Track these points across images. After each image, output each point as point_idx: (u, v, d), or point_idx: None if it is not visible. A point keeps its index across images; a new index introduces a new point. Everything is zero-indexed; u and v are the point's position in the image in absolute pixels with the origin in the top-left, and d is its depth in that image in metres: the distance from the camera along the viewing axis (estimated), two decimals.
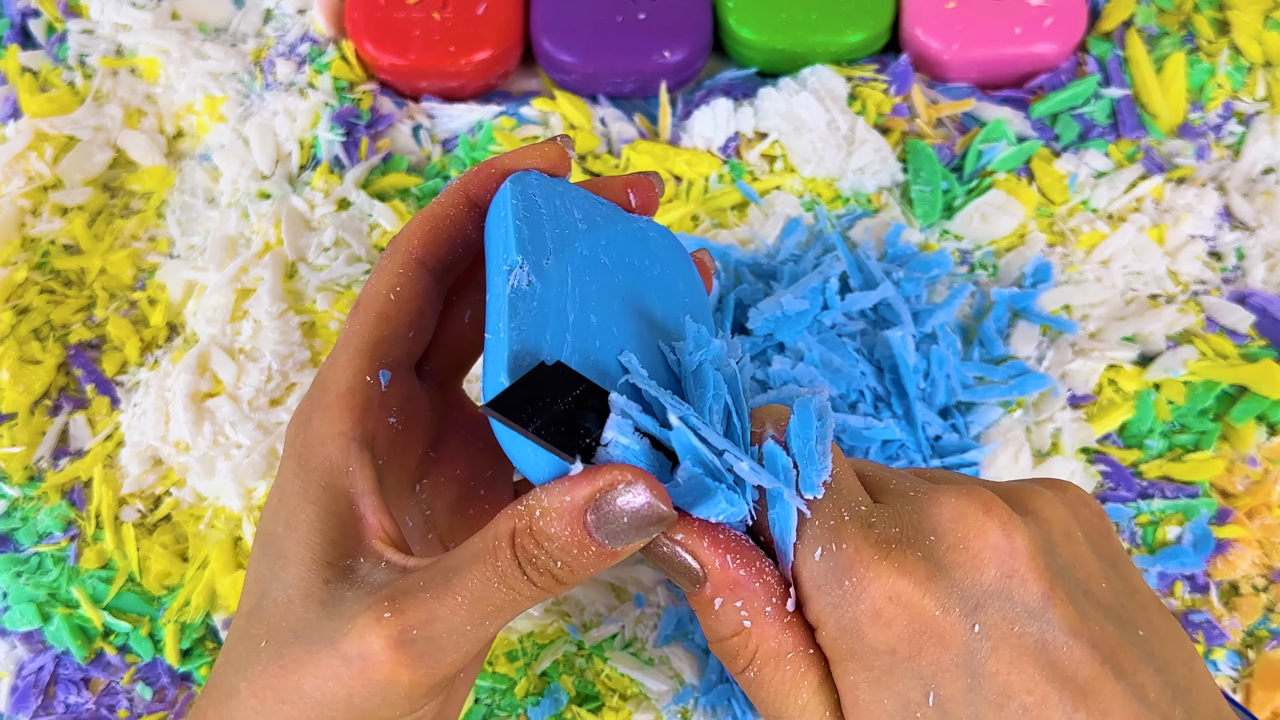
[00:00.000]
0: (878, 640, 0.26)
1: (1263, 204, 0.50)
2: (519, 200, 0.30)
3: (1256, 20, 0.53)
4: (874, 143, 0.50)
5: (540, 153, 0.31)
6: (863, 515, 0.27)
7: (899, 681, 0.26)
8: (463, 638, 0.26)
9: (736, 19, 0.52)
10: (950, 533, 0.26)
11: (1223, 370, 0.46)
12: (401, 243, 0.32)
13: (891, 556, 0.26)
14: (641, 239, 0.32)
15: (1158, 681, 0.26)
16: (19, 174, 0.51)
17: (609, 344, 0.28)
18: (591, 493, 0.25)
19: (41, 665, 0.43)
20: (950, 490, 0.27)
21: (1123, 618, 0.27)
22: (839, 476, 0.27)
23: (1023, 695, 0.25)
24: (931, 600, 0.25)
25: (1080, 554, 0.27)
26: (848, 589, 0.26)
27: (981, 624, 0.25)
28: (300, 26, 0.54)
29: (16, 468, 0.46)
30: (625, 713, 0.41)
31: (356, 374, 0.30)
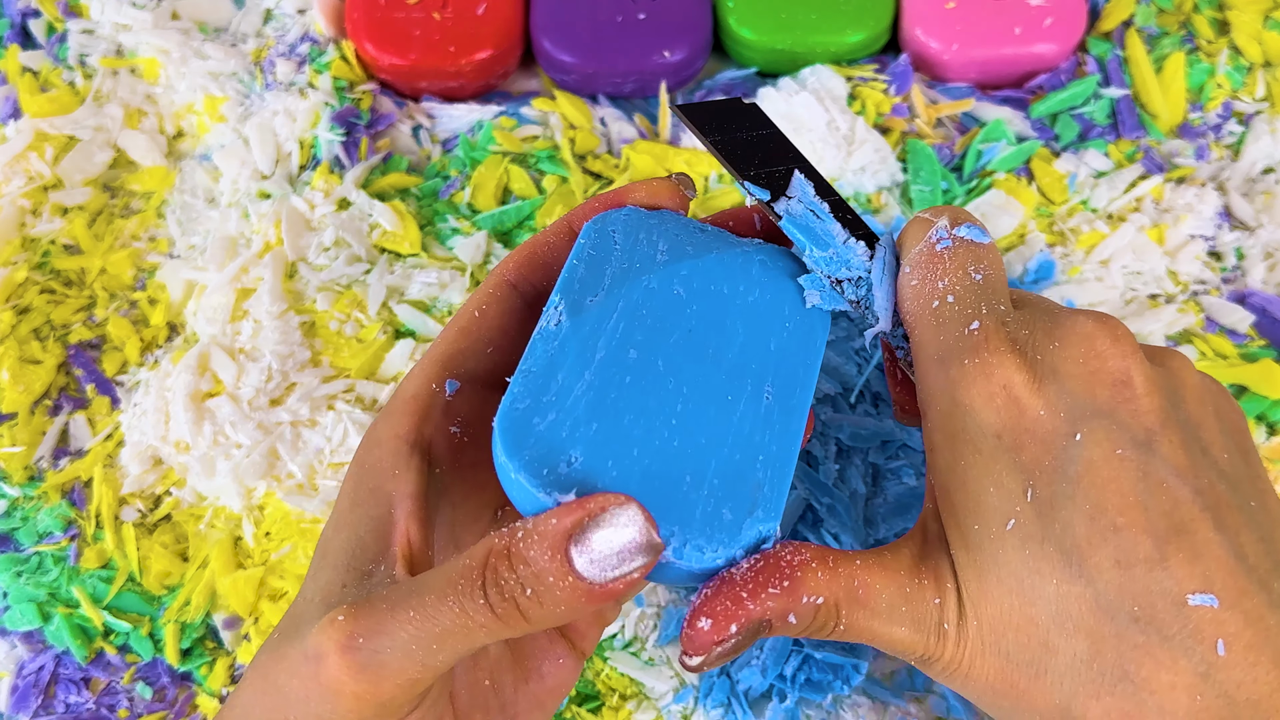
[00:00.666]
0: (985, 421, 0.27)
1: (1262, 204, 0.50)
2: (589, 238, 0.30)
3: (1256, 20, 0.53)
4: (874, 143, 0.50)
5: (649, 189, 0.32)
6: (1000, 313, 0.28)
7: (1003, 471, 0.27)
8: (407, 658, 0.25)
9: (736, 19, 0.52)
10: (1075, 345, 0.27)
11: (1223, 370, 0.46)
12: (499, 266, 0.32)
13: (1014, 351, 0.27)
14: (744, 264, 0.31)
15: (1261, 549, 0.26)
16: (19, 174, 0.51)
17: (643, 379, 0.28)
18: (580, 516, 0.24)
19: (41, 665, 0.43)
20: (1088, 314, 0.28)
21: (1237, 486, 0.27)
22: (990, 277, 0.29)
23: (1114, 515, 0.25)
24: (1040, 400, 0.27)
25: (1207, 419, 0.28)
26: (967, 368, 0.27)
27: (1084, 435, 0.26)
28: (300, 26, 0.54)
29: (16, 467, 0.46)
30: (625, 713, 0.41)
31: (424, 381, 0.31)
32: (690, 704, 0.41)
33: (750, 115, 0.28)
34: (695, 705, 0.41)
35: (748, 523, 0.27)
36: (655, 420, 0.27)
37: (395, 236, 0.49)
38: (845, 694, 0.40)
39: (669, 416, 0.28)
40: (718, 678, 0.41)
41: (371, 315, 0.48)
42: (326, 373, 0.47)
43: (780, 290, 0.31)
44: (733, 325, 0.30)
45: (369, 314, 0.48)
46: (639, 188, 0.32)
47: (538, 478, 0.26)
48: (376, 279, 0.48)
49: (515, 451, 0.26)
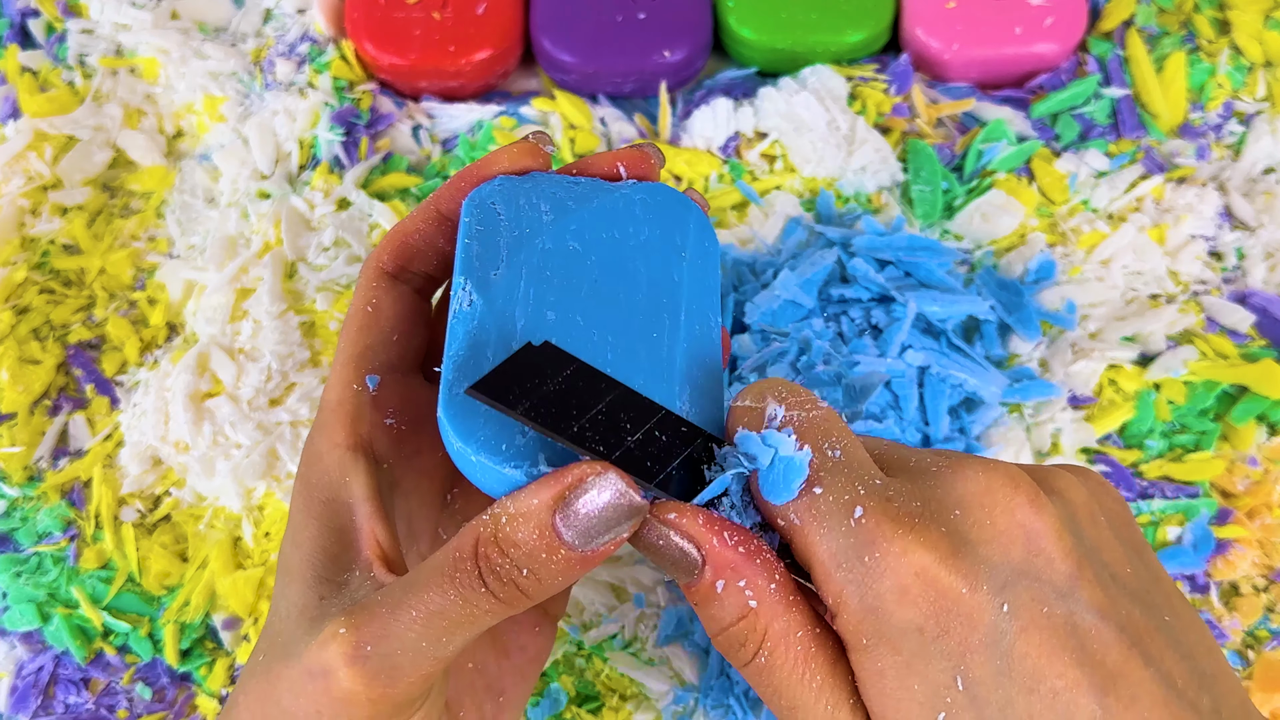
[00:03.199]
0: (904, 619, 0.24)
1: (1263, 204, 0.50)
2: (472, 215, 0.30)
3: (1257, 20, 0.53)
4: (874, 142, 0.50)
5: (509, 155, 0.32)
6: (879, 489, 0.25)
7: (927, 664, 0.24)
8: (419, 655, 0.25)
9: (736, 19, 0.52)
10: (976, 507, 0.25)
11: (1223, 370, 0.46)
12: (372, 258, 0.32)
13: (915, 530, 0.24)
14: (626, 206, 0.31)
15: (1184, 668, 0.25)
16: (19, 174, 0.51)
17: (568, 336, 0.28)
18: (560, 491, 0.24)
19: (41, 665, 0.43)
20: (975, 463, 0.26)
21: (1149, 603, 0.26)
22: (849, 451, 0.26)
23: (1053, 679, 0.24)
24: (958, 577, 0.24)
25: (1105, 537, 0.27)
26: (869, 565, 0.24)
27: (1010, 603, 0.24)
28: (300, 26, 0.54)
29: (16, 468, 0.46)
30: (625, 713, 0.41)
31: (344, 385, 0.31)
32: (690, 704, 0.41)
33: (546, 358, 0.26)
34: (695, 705, 0.41)
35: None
36: None
37: None
38: None
39: (603, 366, 0.28)
40: (717, 678, 0.41)
41: None
42: (326, 373, 0.47)
43: (666, 224, 0.32)
44: (633, 266, 0.30)
45: None
46: (499, 156, 0.32)
47: (498, 454, 0.26)
48: None
49: (469, 434, 0.26)
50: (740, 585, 0.25)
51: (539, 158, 0.32)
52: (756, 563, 0.25)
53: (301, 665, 0.26)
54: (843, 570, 0.25)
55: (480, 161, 0.31)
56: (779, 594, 0.25)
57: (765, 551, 0.26)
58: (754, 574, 0.25)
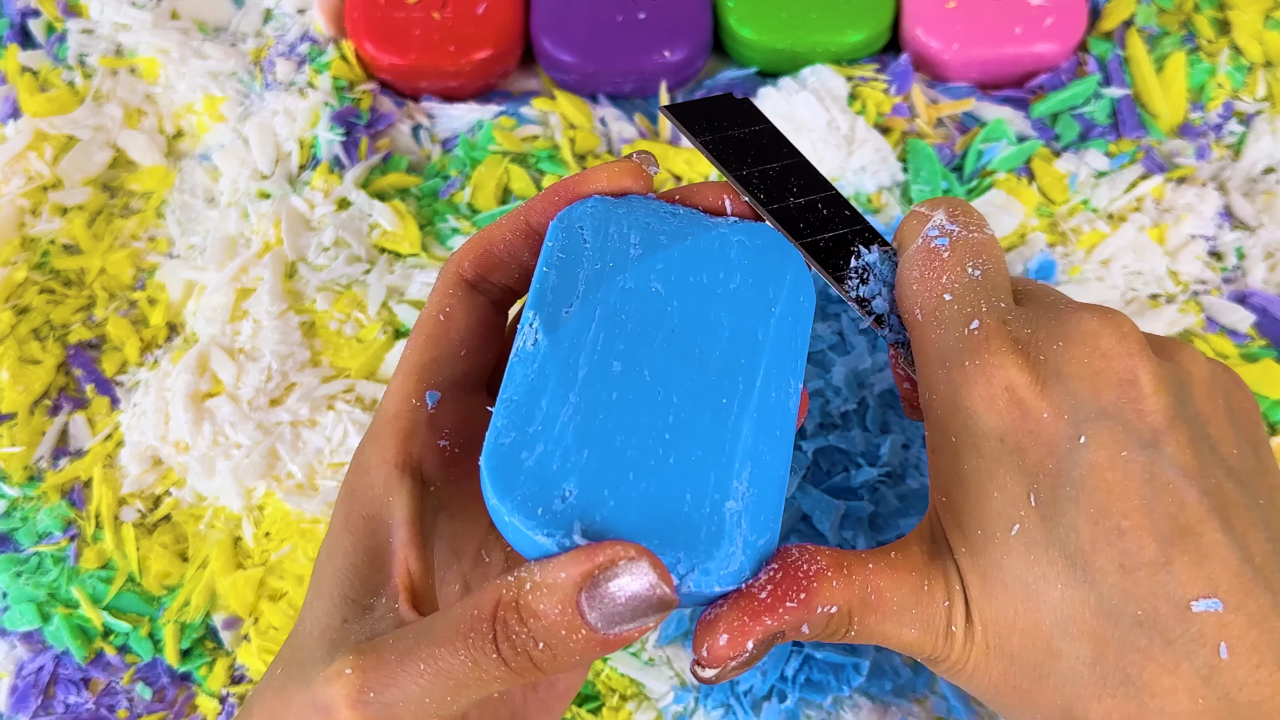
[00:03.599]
0: (988, 424, 0.26)
1: (1263, 204, 0.50)
2: (557, 240, 0.29)
3: (1257, 20, 0.53)
4: (874, 142, 0.50)
5: (609, 173, 0.30)
6: (1001, 311, 0.27)
7: (1006, 474, 0.26)
8: (421, 710, 0.25)
9: (736, 19, 0.52)
10: (1079, 344, 0.26)
11: None
12: (452, 263, 0.31)
13: (1017, 352, 0.26)
14: (721, 248, 0.30)
15: (1268, 549, 0.25)
16: (19, 174, 0.51)
17: (631, 394, 0.27)
18: (590, 569, 0.23)
19: (41, 665, 0.43)
20: (1093, 309, 0.27)
21: (1245, 483, 0.26)
22: (989, 272, 0.28)
23: (1118, 518, 0.25)
24: (1044, 401, 0.26)
25: (1217, 415, 0.27)
26: (969, 370, 0.27)
27: (1089, 437, 0.25)
28: (300, 26, 0.54)
29: (16, 468, 0.46)
30: (625, 713, 0.41)
31: (404, 398, 0.30)
32: (690, 704, 0.41)
33: (743, 111, 0.27)
34: (695, 705, 0.41)
35: (752, 538, 0.26)
36: (648, 437, 0.26)
37: (395, 236, 0.49)
38: (846, 694, 0.40)
39: (661, 431, 0.26)
40: None
41: (371, 315, 0.48)
42: (326, 373, 0.47)
43: (761, 273, 0.30)
44: (716, 318, 0.29)
45: (369, 314, 0.48)
46: (600, 174, 0.30)
47: (533, 518, 0.24)
48: (376, 279, 0.48)
49: (506, 492, 0.25)
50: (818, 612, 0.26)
51: (640, 179, 0.30)
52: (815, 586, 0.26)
53: (309, 694, 0.25)
54: (945, 368, 0.27)
55: (578, 176, 0.30)
56: (840, 583, 0.27)
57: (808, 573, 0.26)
58: (815, 601, 0.26)
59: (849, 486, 0.43)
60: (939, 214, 0.29)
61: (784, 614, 0.26)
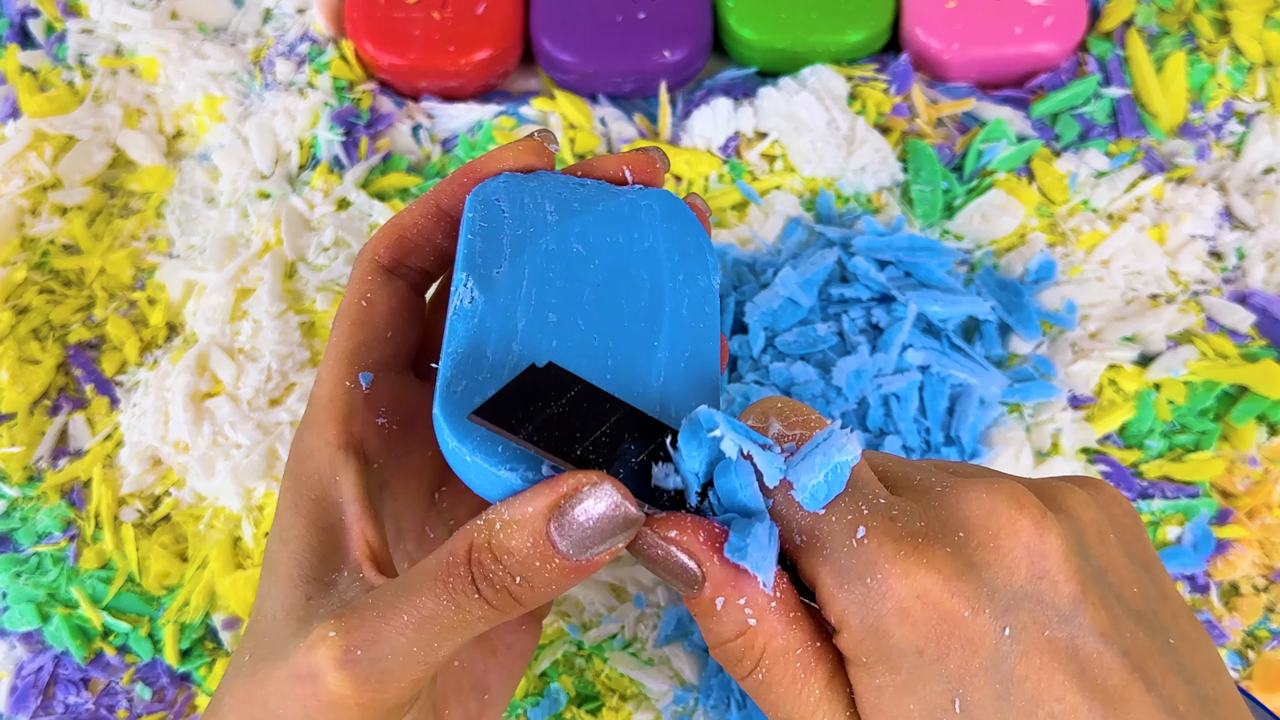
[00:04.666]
0: (904, 640, 0.24)
1: (1263, 204, 0.50)
2: (476, 211, 0.30)
3: (1257, 20, 0.53)
4: (874, 142, 0.50)
5: (514, 152, 0.31)
6: (883, 508, 0.25)
7: (925, 685, 0.24)
8: (410, 660, 0.25)
9: (736, 19, 0.52)
10: (980, 529, 0.25)
11: (1223, 370, 0.46)
12: (368, 251, 0.32)
13: (919, 551, 0.24)
14: (630, 212, 0.31)
15: (1187, 692, 0.25)
16: (18, 174, 0.51)
17: (570, 341, 0.28)
18: (555, 499, 0.24)
19: (41, 665, 0.43)
20: (979, 484, 0.26)
21: (1154, 624, 0.26)
22: (854, 470, 0.26)
23: (1051, 703, 0.24)
24: (961, 600, 0.24)
25: (1113, 556, 0.26)
26: (871, 586, 0.24)
27: (1012, 627, 0.24)
28: (300, 26, 0.54)
29: (16, 468, 0.46)
30: (625, 713, 0.41)
31: (337, 382, 0.30)
32: (690, 704, 0.41)
33: (550, 379, 0.25)
34: (695, 705, 0.41)
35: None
36: (590, 378, 0.27)
37: None
38: None
39: (603, 372, 0.28)
40: (716, 676, 0.41)
41: None
42: None
43: (668, 232, 0.32)
44: (635, 272, 0.30)
45: None
46: (504, 154, 0.31)
47: (494, 456, 0.25)
48: None
49: (465, 434, 0.25)
50: (740, 603, 0.25)
51: (543, 156, 0.32)
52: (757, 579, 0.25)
53: (289, 667, 0.26)
54: (845, 590, 0.25)
55: (483, 158, 0.31)
56: (779, 611, 0.25)
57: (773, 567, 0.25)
58: (754, 592, 0.25)
59: None
60: (773, 425, 0.27)
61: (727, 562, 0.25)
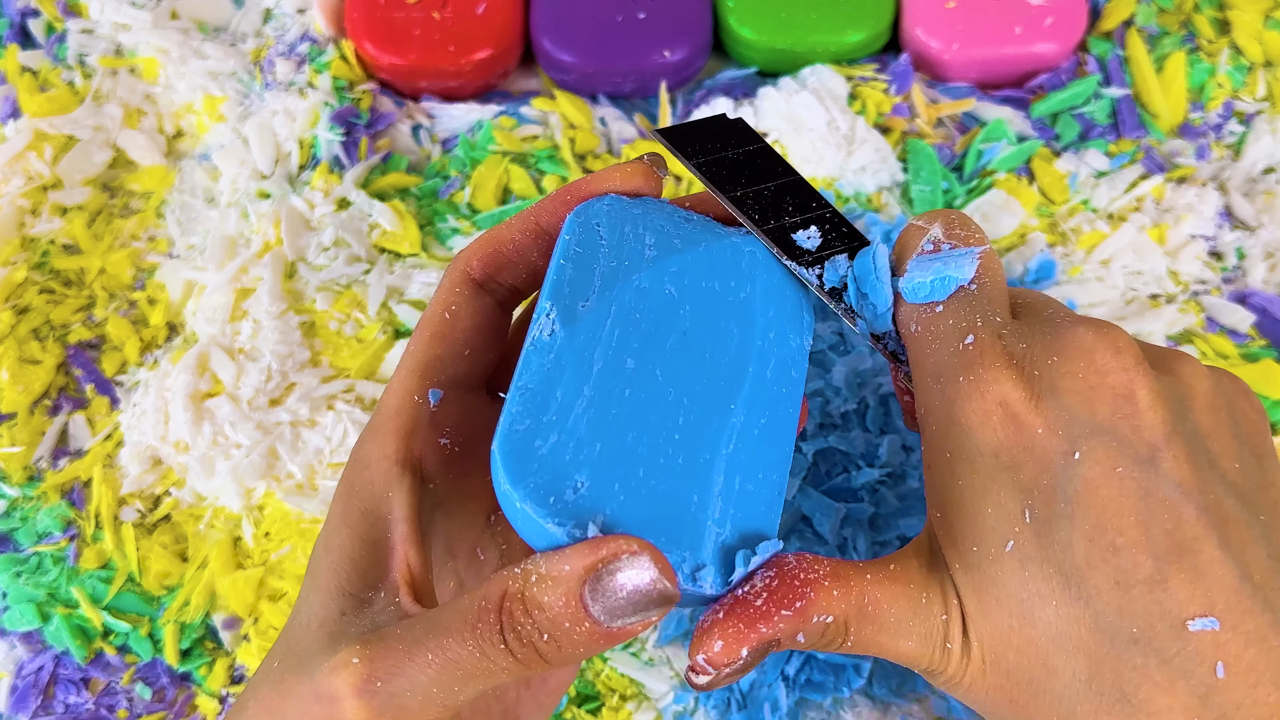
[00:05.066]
0: (982, 440, 0.26)
1: (1263, 204, 0.50)
2: (574, 234, 0.29)
3: (1257, 20, 0.53)
4: (874, 142, 0.50)
5: (622, 174, 0.30)
6: (996, 325, 0.27)
7: (1001, 491, 0.26)
8: (429, 699, 0.25)
9: (736, 19, 0.52)
10: (1073, 359, 0.26)
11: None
12: (460, 261, 0.31)
13: (1011, 366, 0.26)
14: (733, 256, 0.30)
15: (1268, 566, 0.25)
16: (19, 174, 0.51)
17: (643, 392, 0.27)
18: (594, 562, 0.24)
19: (41, 665, 0.43)
20: (1088, 323, 0.27)
21: (1248, 499, 0.26)
22: (985, 286, 0.28)
23: (1113, 535, 0.25)
24: (1038, 417, 0.26)
25: (1219, 429, 0.27)
26: (962, 385, 0.27)
27: (1084, 454, 0.25)
28: (300, 26, 0.54)
29: (16, 468, 0.46)
30: (625, 713, 0.41)
31: (406, 395, 0.30)
32: (690, 704, 0.41)
33: (736, 132, 0.26)
34: (695, 705, 0.41)
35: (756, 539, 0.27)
36: (658, 436, 0.27)
37: (395, 236, 0.49)
38: (846, 695, 0.40)
39: (671, 431, 0.27)
40: None
41: (371, 315, 0.48)
42: (326, 373, 0.47)
43: (768, 283, 0.31)
44: (726, 324, 0.29)
45: (369, 314, 0.48)
46: (613, 175, 0.30)
47: (545, 506, 0.25)
48: (376, 279, 0.48)
49: (519, 479, 0.25)
50: (814, 621, 0.26)
51: (651, 181, 0.31)
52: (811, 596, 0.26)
53: (312, 685, 0.25)
54: (940, 383, 0.27)
55: (589, 178, 0.30)
56: (838, 593, 0.26)
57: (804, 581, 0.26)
58: (811, 610, 0.26)
59: (849, 487, 0.43)
60: (936, 227, 0.29)
61: (779, 622, 0.26)
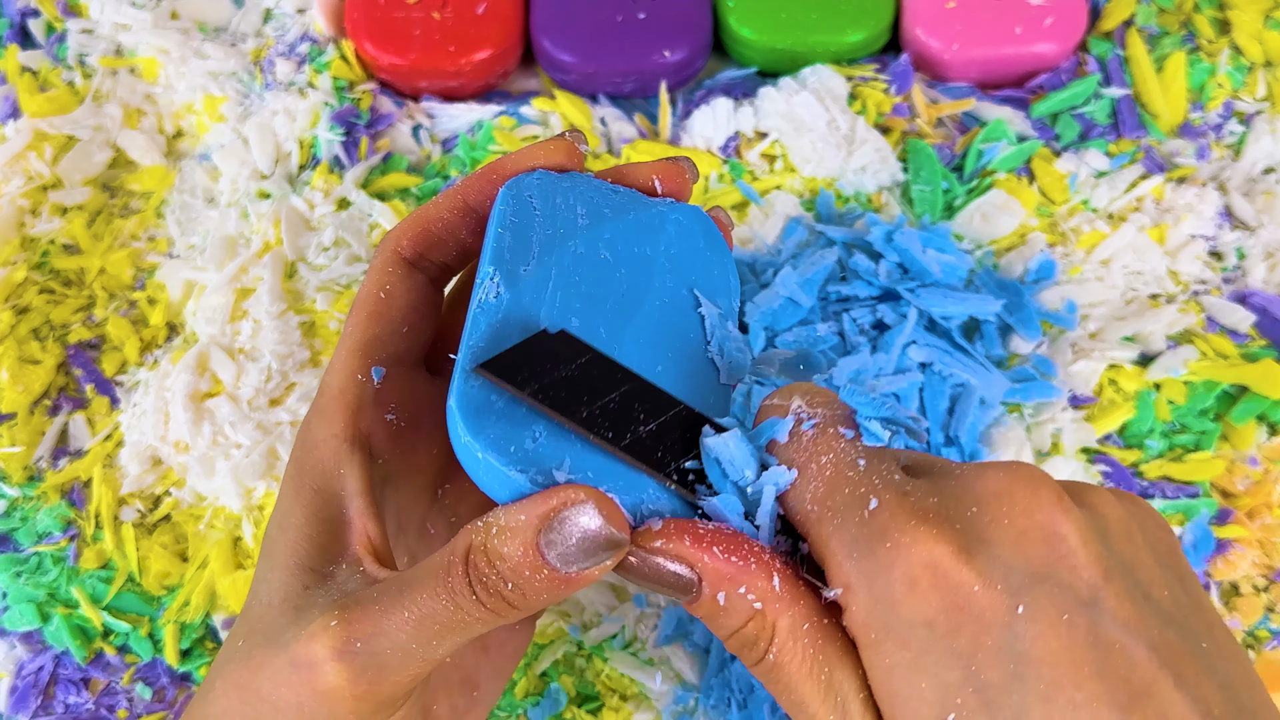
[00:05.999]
0: (913, 612, 0.24)
1: (1263, 204, 0.50)
2: (508, 205, 0.30)
3: (1257, 20, 0.53)
4: (874, 142, 0.50)
5: (545, 151, 0.31)
6: (897, 484, 0.25)
7: (937, 663, 0.24)
8: (409, 656, 0.25)
9: (736, 19, 0.52)
10: (994, 506, 0.24)
11: (1223, 370, 0.46)
12: (390, 241, 0.31)
13: (929, 523, 0.24)
14: (659, 223, 0.31)
15: (1222, 697, 0.24)
16: (19, 174, 0.51)
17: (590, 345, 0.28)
18: (546, 511, 0.24)
19: (41, 665, 0.43)
20: (998, 465, 0.25)
21: (1185, 628, 0.25)
22: (869, 448, 0.26)
23: (1071, 690, 0.23)
24: (971, 573, 0.24)
25: (1141, 557, 0.25)
26: (881, 557, 0.24)
27: (1026, 606, 0.23)
28: (300, 26, 0.54)
29: (16, 468, 0.46)
30: (625, 713, 0.41)
31: (349, 374, 0.30)
32: (690, 704, 0.41)
33: (562, 344, 0.26)
34: (695, 705, 0.41)
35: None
36: None
37: None
38: None
39: None
40: (717, 676, 0.41)
41: None
42: None
43: (694, 248, 0.32)
44: (659, 285, 0.30)
45: None
46: (535, 152, 0.31)
47: (505, 455, 0.25)
48: None
49: (479, 431, 0.26)
50: (742, 591, 0.25)
51: (575, 157, 0.31)
52: (753, 566, 0.25)
53: (288, 655, 0.26)
54: (854, 560, 0.25)
55: (513, 155, 0.31)
56: (783, 590, 0.25)
57: (759, 551, 0.26)
58: (752, 577, 0.25)
59: None
60: (796, 400, 0.27)
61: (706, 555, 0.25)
